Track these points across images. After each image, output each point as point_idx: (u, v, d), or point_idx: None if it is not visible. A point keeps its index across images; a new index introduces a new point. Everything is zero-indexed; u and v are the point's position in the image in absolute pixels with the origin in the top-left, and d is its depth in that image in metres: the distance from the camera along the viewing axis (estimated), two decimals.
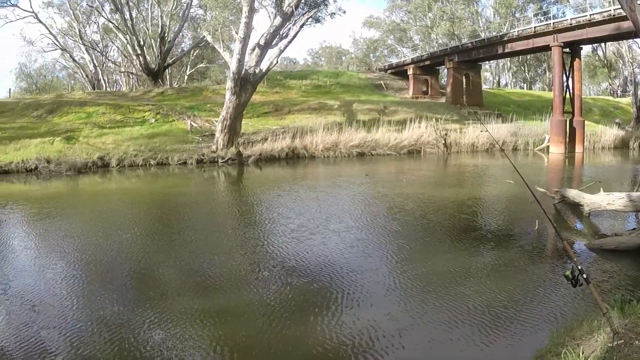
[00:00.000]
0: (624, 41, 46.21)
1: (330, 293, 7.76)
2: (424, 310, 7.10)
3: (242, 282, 8.51)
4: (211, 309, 7.27)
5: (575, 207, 13.68)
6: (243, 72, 28.66)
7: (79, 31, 56.75)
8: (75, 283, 8.50)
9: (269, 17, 32.35)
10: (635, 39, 45.92)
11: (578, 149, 34.29)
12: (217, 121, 30.23)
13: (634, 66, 47.77)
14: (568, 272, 4.74)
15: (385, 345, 6.13)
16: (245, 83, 28.81)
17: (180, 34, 58.32)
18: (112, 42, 62.94)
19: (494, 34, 48.53)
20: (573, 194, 13.79)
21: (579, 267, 4.63)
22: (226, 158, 27.46)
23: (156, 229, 12.96)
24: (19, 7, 52.95)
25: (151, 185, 21.79)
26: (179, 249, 10.63)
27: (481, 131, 20.67)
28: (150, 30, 52.67)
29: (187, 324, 6.76)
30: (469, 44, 45.85)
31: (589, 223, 12.46)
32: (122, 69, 65.34)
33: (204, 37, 39.96)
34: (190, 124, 33.00)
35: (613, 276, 8.41)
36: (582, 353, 4.65)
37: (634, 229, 10.36)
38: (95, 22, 60.79)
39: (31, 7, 58.86)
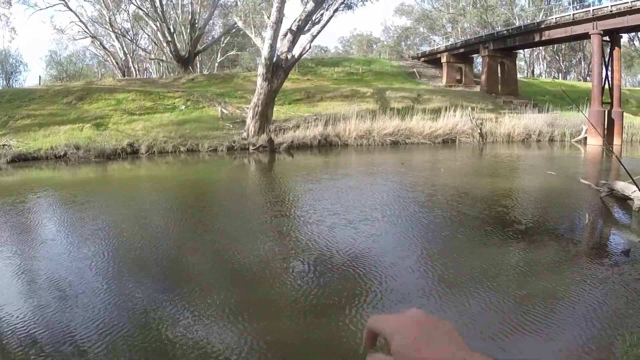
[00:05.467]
0: None
1: (367, 289, 7.32)
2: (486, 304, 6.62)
3: (277, 273, 8.16)
4: (244, 301, 6.96)
5: (623, 201, 12.88)
6: (275, 58, 28.11)
7: (109, 19, 56.16)
8: (106, 270, 8.22)
9: (302, 2, 31.80)
10: None
11: (616, 141, 33.10)
12: (248, 108, 29.77)
13: None
14: None
15: None
16: (277, 69, 28.26)
17: (211, 20, 57.83)
18: (142, 29, 62.34)
19: (529, 21, 47.43)
20: (622, 186, 12.99)
21: None
22: (257, 145, 26.93)
23: (190, 217, 12.57)
24: None
25: (182, 172, 21.50)
26: (212, 237, 10.30)
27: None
28: (180, 17, 52.45)
29: (217, 313, 6.53)
30: (505, 32, 44.81)
31: (639, 219, 11.66)
32: (152, 57, 65.17)
33: (235, 23, 39.37)
34: (221, 110, 32.52)
35: None
36: None
37: None
38: (125, 10, 60.23)
39: None
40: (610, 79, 34.58)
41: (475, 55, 50.46)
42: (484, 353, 0.79)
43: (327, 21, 29.64)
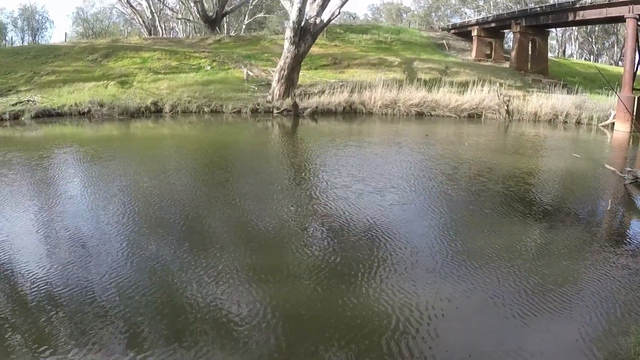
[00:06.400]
0: None
1: (384, 258, 7.33)
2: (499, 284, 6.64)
3: (303, 238, 8.18)
4: (268, 265, 6.96)
5: None
6: (303, 22, 27.78)
7: None
8: (131, 229, 8.30)
9: None
10: None
11: None
12: (274, 71, 29.58)
13: None
14: None
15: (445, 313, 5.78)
16: (305, 33, 27.95)
17: None
18: None
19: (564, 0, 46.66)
20: None
21: None
22: (282, 109, 26.82)
23: (216, 177, 12.63)
24: None
25: (206, 133, 21.53)
26: (238, 199, 10.38)
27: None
28: None
29: (239, 276, 6.57)
30: (538, 9, 43.93)
31: None
32: (179, 16, 64.88)
33: None
34: (247, 72, 32.34)
35: None
36: None
37: None
38: None
39: None
40: None
41: (507, 30, 49.60)
42: None
43: None
